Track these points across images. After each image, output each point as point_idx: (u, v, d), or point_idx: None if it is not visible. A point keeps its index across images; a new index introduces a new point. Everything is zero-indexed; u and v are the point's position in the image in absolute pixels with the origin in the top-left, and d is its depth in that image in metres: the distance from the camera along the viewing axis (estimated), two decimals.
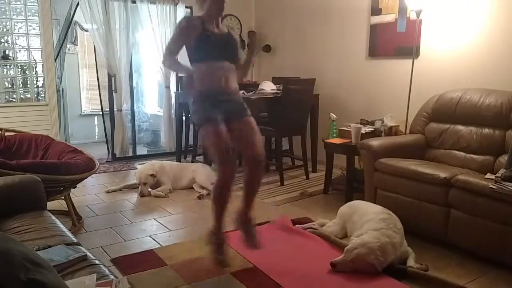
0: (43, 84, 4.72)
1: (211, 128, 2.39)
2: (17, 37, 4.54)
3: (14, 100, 4.62)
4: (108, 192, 4.07)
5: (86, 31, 5.85)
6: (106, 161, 5.29)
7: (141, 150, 5.88)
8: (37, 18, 4.55)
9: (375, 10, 4.38)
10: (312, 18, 5.15)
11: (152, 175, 4.01)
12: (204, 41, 2.51)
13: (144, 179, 3.98)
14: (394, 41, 4.23)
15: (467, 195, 2.61)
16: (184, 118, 5.18)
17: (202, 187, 4.06)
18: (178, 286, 2.29)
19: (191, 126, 5.26)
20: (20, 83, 4.66)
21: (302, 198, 3.93)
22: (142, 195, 3.96)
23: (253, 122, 2.54)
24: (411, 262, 2.50)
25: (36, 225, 1.98)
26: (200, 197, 3.91)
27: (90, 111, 6.80)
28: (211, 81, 2.50)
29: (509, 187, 2.42)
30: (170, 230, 3.16)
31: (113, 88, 5.11)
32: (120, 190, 4.14)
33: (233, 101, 2.55)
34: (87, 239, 2.93)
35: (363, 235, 2.50)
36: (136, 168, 4.16)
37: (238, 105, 2.57)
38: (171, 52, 2.59)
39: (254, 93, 4.50)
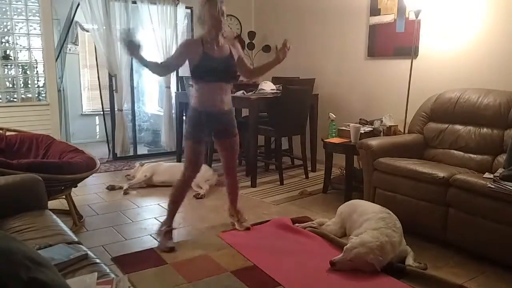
0: (44, 84, 4.73)
1: (192, 147, 2.81)
2: (18, 37, 4.55)
3: (15, 100, 4.64)
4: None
5: (87, 31, 5.87)
6: (107, 161, 5.30)
7: (142, 150, 5.89)
8: (38, 18, 4.57)
9: (374, 11, 4.39)
10: (311, 18, 5.16)
11: (145, 175, 4.28)
12: (202, 63, 2.70)
13: (138, 173, 4.33)
14: (393, 41, 4.24)
15: (466, 194, 2.62)
16: (184, 117, 5.19)
17: (200, 187, 4.07)
18: (178, 285, 2.31)
19: None
20: (21, 83, 4.68)
21: (302, 197, 3.95)
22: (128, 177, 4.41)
23: (237, 142, 2.97)
24: (410, 261, 2.52)
25: (37, 224, 1.99)
26: (197, 196, 3.92)
27: (91, 111, 6.81)
28: (206, 101, 2.77)
29: (507, 186, 2.44)
30: None
31: (114, 88, 5.13)
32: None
33: (225, 120, 2.86)
34: (88, 238, 2.95)
35: (362, 234, 2.52)
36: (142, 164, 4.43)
37: (228, 125, 2.89)
38: (167, 66, 2.91)
39: (254, 93, 4.51)
